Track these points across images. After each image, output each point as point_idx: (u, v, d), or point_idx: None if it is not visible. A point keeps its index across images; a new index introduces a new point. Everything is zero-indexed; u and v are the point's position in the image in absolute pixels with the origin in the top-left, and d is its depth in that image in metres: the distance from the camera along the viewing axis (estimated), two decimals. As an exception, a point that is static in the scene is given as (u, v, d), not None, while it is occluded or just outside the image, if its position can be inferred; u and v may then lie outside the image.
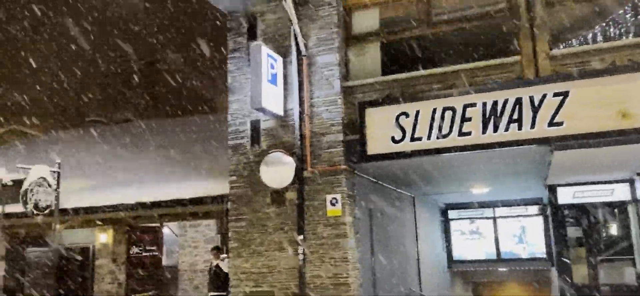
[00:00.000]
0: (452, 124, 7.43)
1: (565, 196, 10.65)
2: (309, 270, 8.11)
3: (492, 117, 7.25)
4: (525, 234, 14.78)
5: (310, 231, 8.19)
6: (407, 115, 7.67)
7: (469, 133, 7.35)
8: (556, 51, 7.70)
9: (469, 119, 7.35)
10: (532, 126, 7.08)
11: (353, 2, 8.84)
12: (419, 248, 11.97)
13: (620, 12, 9.10)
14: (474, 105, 7.35)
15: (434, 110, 7.53)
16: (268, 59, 8.14)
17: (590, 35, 9.49)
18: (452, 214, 15.29)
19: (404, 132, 7.67)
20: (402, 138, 7.68)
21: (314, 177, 8.28)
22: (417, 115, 7.62)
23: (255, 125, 8.80)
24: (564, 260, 10.60)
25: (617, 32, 9.22)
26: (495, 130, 7.23)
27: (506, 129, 7.18)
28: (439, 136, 7.47)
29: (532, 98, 7.10)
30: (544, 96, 7.04)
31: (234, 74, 9.09)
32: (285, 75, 8.62)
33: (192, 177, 11.36)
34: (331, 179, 8.21)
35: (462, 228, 15.27)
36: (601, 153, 7.32)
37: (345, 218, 8.07)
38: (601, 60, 7.31)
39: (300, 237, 8.13)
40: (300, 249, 8.10)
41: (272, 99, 8.18)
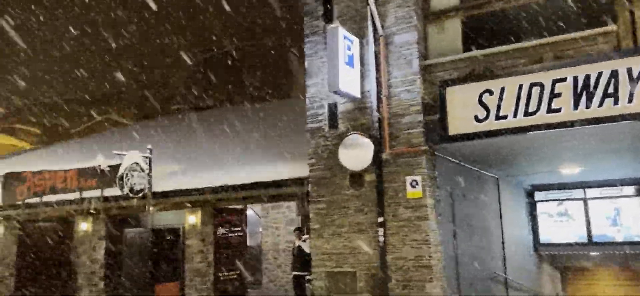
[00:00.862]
0: (540, 101, 7.05)
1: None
2: (390, 251, 8.09)
3: (585, 91, 6.80)
4: (619, 216, 13.87)
5: (390, 213, 8.15)
6: (491, 93, 7.39)
7: (558, 110, 6.95)
8: (658, 18, 7.08)
9: (559, 95, 6.95)
10: (630, 100, 6.57)
11: (431, -22, 8.61)
12: (503, 230, 11.57)
13: None
14: (563, 79, 6.93)
15: (521, 87, 7.18)
16: (344, 40, 8.12)
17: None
18: (538, 196, 14.62)
19: (488, 111, 7.39)
20: (486, 117, 7.40)
21: (393, 158, 8.21)
22: (502, 92, 7.30)
23: (332, 108, 8.84)
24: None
25: None
26: (587, 106, 6.78)
27: (600, 104, 6.72)
28: (526, 113, 7.13)
29: (630, 71, 6.58)
30: (644, 67, 6.50)
31: (312, 57, 9.17)
32: (362, 56, 8.56)
33: (273, 160, 11.65)
34: (410, 161, 8.11)
35: (550, 210, 14.57)
36: None
37: (426, 200, 7.95)
38: None
39: (380, 219, 8.12)
40: (381, 230, 8.09)
41: (349, 81, 8.17)
